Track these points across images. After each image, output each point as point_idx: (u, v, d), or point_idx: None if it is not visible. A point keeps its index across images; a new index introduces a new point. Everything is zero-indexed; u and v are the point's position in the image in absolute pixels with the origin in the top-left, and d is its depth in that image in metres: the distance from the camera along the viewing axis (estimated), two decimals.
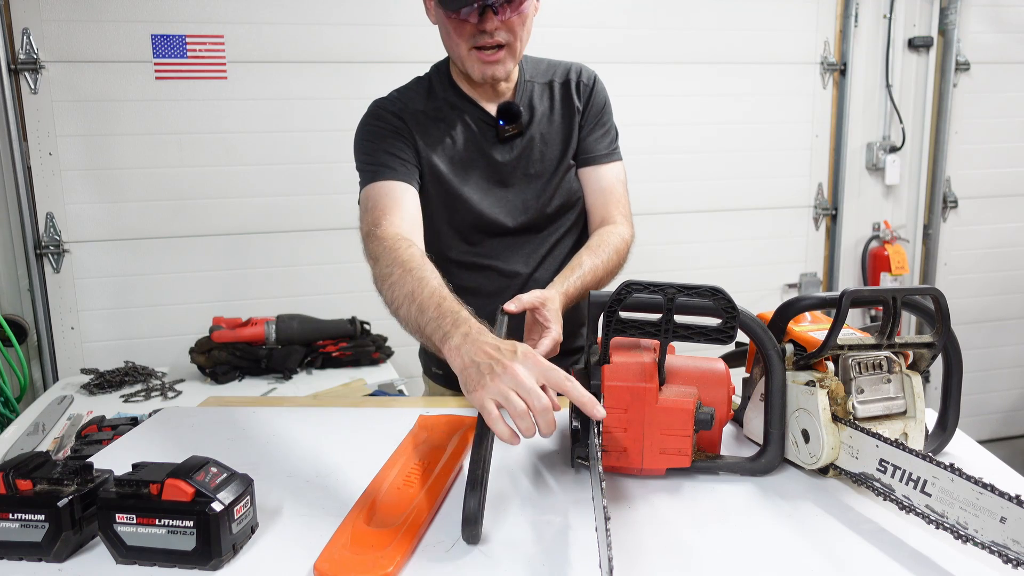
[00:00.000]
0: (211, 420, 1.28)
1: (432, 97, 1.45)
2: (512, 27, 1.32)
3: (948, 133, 3.48)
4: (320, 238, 2.91)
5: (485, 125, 1.44)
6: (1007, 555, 0.71)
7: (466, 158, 1.43)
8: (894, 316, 0.97)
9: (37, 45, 2.58)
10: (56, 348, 2.76)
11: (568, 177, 1.49)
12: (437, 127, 1.43)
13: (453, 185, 1.42)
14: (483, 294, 1.46)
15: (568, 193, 1.49)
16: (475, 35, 1.31)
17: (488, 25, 1.29)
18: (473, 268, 1.48)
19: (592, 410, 0.86)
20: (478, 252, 1.48)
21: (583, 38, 3.01)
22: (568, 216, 1.51)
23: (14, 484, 0.83)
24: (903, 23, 3.37)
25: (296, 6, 2.76)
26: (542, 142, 1.46)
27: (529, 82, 1.48)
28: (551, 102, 1.48)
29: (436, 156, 1.41)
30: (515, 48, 1.35)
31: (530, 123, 1.46)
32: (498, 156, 1.44)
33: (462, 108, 1.44)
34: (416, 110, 1.43)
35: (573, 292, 1.29)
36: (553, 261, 1.50)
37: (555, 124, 1.48)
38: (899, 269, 3.41)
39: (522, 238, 1.48)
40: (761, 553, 0.82)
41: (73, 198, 2.69)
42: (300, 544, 0.84)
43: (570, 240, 1.53)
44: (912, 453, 0.83)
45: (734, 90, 3.24)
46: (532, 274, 1.49)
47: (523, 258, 1.49)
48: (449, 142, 1.43)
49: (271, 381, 2.48)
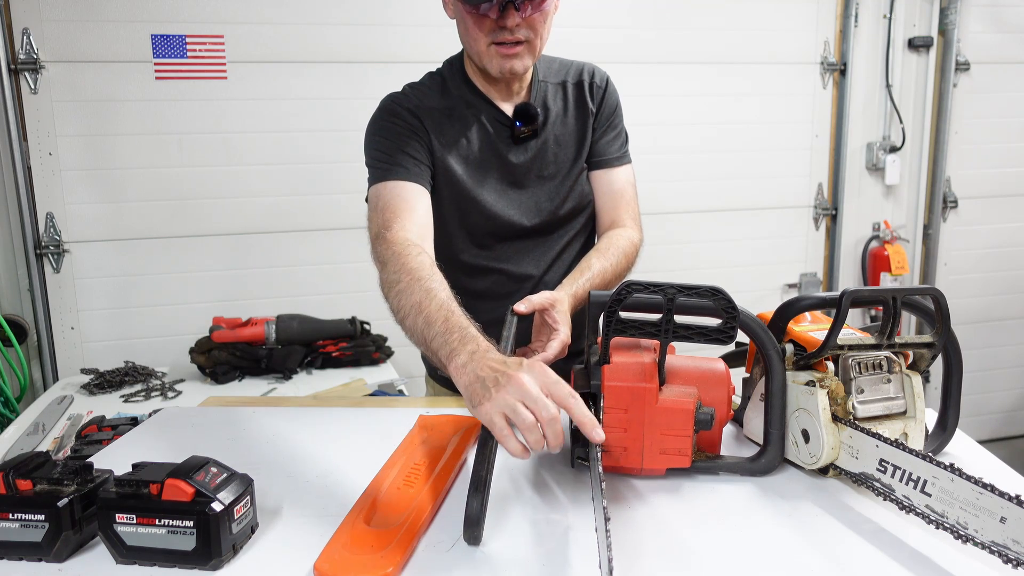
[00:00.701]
0: (211, 420, 1.28)
1: (447, 94, 1.43)
2: (533, 24, 1.31)
3: (948, 133, 3.48)
4: (320, 238, 2.91)
5: (500, 125, 1.42)
6: (1007, 555, 0.71)
7: (481, 159, 1.41)
8: (894, 316, 0.97)
9: (37, 45, 2.58)
10: (56, 348, 2.76)
11: (581, 179, 1.48)
12: (452, 126, 1.41)
13: (468, 187, 1.40)
14: (493, 297, 1.46)
15: (580, 195, 1.48)
16: (495, 31, 1.30)
17: (509, 21, 1.28)
18: (484, 271, 1.47)
19: (591, 432, 0.84)
20: (489, 255, 1.47)
21: (582, 37, 3.01)
22: (579, 219, 1.50)
23: (14, 484, 0.83)
24: (903, 23, 3.37)
25: (296, 6, 2.76)
26: (556, 144, 1.45)
27: (543, 82, 1.46)
28: (565, 103, 1.47)
29: (451, 157, 1.39)
30: (535, 45, 1.34)
31: (544, 124, 1.44)
32: (513, 158, 1.43)
33: (477, 107, 1.42)
34: (431, 107, 1.41)
35: (582, 294, 1.29)
36: (563, 264, 1.49)
37: (569, 126, 1.46)
38: (899, 269, 3.41)
39: (533, 240, 1.47)
40: (761, 553, 0.82)
41: (73, 198, 2.69)
42: (300, 544, 0.84)
43: (579, 243, 1.52)
44: (912, 453, 0.83)
45: (734, 90, 3.24)
46: (543, 276, 1.48)
47: (534, 261, 1.48)
48: (464, 142, 1.41)
49: (271, 381, 2.48)
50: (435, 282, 1.09)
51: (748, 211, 3.36)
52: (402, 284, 1.11)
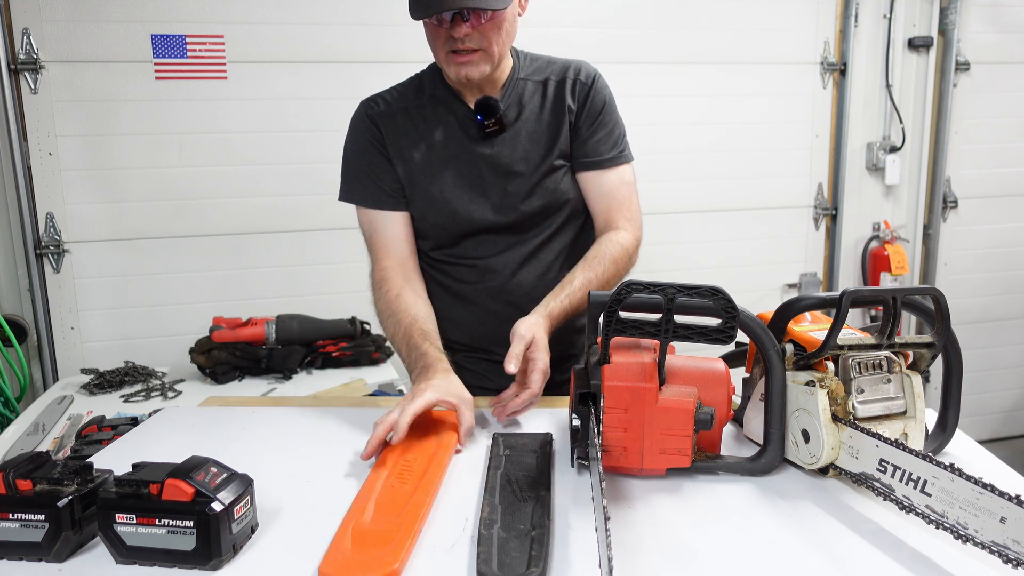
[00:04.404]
0: (211, 420, 1.28)
1: (420, 94, 1.46)
2: (485, 33, 1.31)
3: (948, 133, 3.48)
4: (320, 238, 2.91)
5: (469, 121, 1.44)
6: (1007, 555, 0.71)
7: (444, 155, 1.43)
8: (894, 316, 0.97)
9: (37, 45, 2.58)
10: (56, 348, 2.76)
11: (553, 178, 1.45)
12: (416, 126, 1.44)
13: (425, 183, 1.43)
14: (465, 297, 1.49)
15: (552, 194, 1.46)
16: (449, 39, 1.32)
17: (457, 32, 1.29)
18: (455, 266, 1.49)
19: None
20: (456, 252, 1.48)
21: (581, 37, 3.01)
22: (554, 218, 1.48)
23: (14, 484, 0.83)
24: (903, 23, 3.37)
25: (296, 6, 2.76)
26: (528, 140, 1.44)
27: (522, 79, 1.46)
28: (543, 100, 1.46)
29: (411, 156, 1.43)
30: (491, 52, 1.34)
31: (516, 120, 1.44)
32: (478, 152, 1.43)
33: (448, 104, 1.44)
34: (400, 108, 1.45)
35: (558, 313, 1.31)
36: (538, 264, 1.48)
37: (543, 123, 1.45)
38: (899, 269, 3.41)
39: (502, 237, 1.47)
40: (761, 553, 0.82)
41: (73, 198, 2.69)
42: (300, 544, 0.85)
43: (559, 244, 1.50)
44: (912, 453, 0.83)
45: (734, 90, 3.24)
46: (513, 276, 1.47)
47: (503, 259, 1.47)
48: (427, 140, 1.43)
49: (271, 381, 2.48)
50: (399, 314, 1.37)
51: (748, 211, 3.36)
52: (384, 319, 1.42)
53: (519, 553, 0.79)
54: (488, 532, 0.83)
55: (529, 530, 0.84)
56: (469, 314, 1.50)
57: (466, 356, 1.54)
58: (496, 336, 1.36)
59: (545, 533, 0.83)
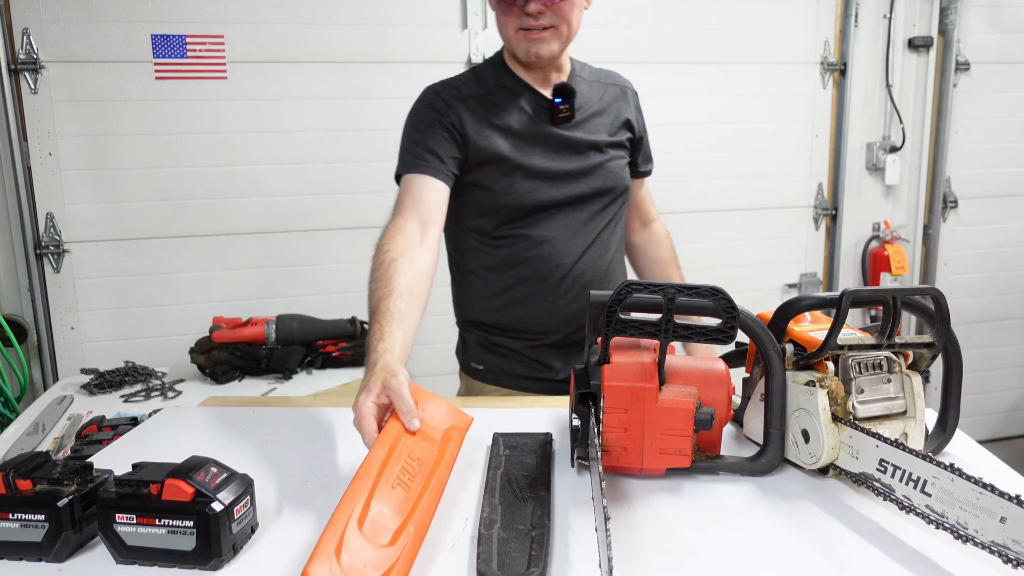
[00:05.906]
0: (211, 420, 1.28)
1: (483, 83, 1.50)
2: (559, 11, 1.39)
3: (948, 133, 3.48)
4: (320, 238, 2.90)
5: (541, 108, 1.49)
6: (1007, 555, 0.71)
7: (525, 136, 1.48)
8: (894, 316, 0.97)
9: (37, 45, 2.58)
10: (56, 348, 2.75)
11: (619, 163, 1.56)
12: (491, 110, 1.47)
13: (516, 158, 1.46)
14: (526, 278, 1.50)
15: (617, 178, 1.55)
16: (522, 17, 1.39)
17: (531, 8, 1.37)
18: (519, 241, 1.50)
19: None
20: (524, 227, 1.50)
21: (580, 37, 3.01)
22: (616, 203, 1.57)
23: (14, 484, 0.83)
24: (903, 23, 3.37)
25: (296, 6, 2.76)
26: (595, 127, 1.52)
27: (580, 77, 1.55)
28: (600, 98, 1.55)
29: (492, 137, 1.46)
30: (562, 31, 1.42)
31: (580, 110, 1.52)
32: (556, 133, 1.49)
33: (516, 91, 1.49)
34: (468, 95, 1.48)
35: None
36: (600, 247, 1.54)
37: (604, 115, 1.55)
38: (899, 269, 3.41)
39: (571, 216, 1.51)
40: (761, 553, 0.82)
41: (73, 198, 2.69)
42: (300, 544, 0.85)
43: (619, 232, 1.61)
44: (912, 453, 0.83)
45: (733, 90, 3.24)
46: (579, 259, 1.51)
47: (569, 241, 1.51)
48: (506, 123, 1.47)
49: (271, 381, 2.48)
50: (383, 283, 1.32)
51: (748, 211, 3.36)
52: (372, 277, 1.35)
53: (519, 553, 0.79)
54: (488, 532, 0.83)
55: (529, 530, 0.84)
56: (531, 293, 1.52)
57: (525, 344, 1.54)
58: (558, 319, 1.48)
59: (545, 533, 0.83)
